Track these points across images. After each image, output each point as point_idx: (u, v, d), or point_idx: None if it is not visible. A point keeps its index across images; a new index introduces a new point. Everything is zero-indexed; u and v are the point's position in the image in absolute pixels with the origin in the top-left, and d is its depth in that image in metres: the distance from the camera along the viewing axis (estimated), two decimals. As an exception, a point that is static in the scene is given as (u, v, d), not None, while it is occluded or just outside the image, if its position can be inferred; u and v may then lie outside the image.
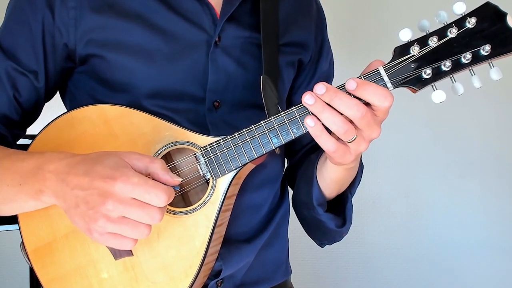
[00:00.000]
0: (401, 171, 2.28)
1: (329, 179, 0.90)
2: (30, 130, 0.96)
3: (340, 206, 0.96)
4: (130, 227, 0.70)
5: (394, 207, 2.27)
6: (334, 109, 0.73)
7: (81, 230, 0.74)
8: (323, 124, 0.74)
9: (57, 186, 0.74)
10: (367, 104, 0.74)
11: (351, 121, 0.73)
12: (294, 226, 1.04)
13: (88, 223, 0.71)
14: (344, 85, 0.74)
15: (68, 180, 0.72)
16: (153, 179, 0.73)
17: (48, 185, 0.75)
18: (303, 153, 1.05)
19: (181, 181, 0.75)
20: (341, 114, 0.73)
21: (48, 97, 0.94)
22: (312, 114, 0.74)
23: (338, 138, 0.75)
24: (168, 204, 0.80)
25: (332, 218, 0.94)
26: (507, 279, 2.24)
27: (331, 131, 0.74)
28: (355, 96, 0.73)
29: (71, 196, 0.72)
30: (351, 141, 0.75)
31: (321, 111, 0.73)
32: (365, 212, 2.25)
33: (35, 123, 0.95)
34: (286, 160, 1.08)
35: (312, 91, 0.73)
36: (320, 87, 0.73)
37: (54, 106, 1.01)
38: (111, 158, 0.72)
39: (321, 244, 1.04)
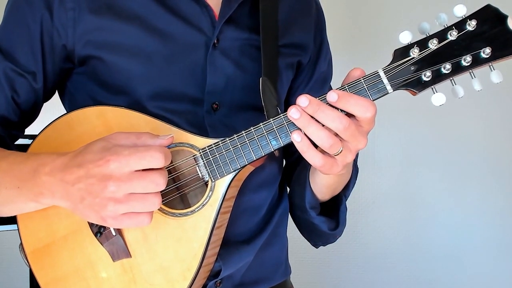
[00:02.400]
0: (401, 171, 2.27)
1: (321, 184, 0.90)
2: (29, 131, 0.96)
3: (334, 208, 0.96)
4: (140, 201, 0.70)
5: (394, 207, 2.27)
6: (320, 123, 0.72)
7: (95, 222, 0.74)
8: (309, 138, 0.73)
9: (57, 187, 0.74)
10: (351, 115, 0.73)
11: (336, 134, 0.73)
12: (294, 226, 1.04)
13: (99, 212, 0.71)
14: (325, 96, 0.73)
15: (66, 179, 0.73)
16: None
17: (48, 187, 0.75)
18: (300, 155, 1.04)
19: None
20: (326, 127, 0.72)
21: (47, 97, 0.94)
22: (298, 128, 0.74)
23: (324, 151, 0.74)
24: (167, 206, 0.81)
25: (324, 221, 0.94)
26: (507, 280, 2.24)
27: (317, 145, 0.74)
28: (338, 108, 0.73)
29: (74, 191, 0.72)
30: (337, 154, 0.74)
31: (307, 125, 0.72)
32: (365, 212, 2.25)
33: (33, 123, 0.95)
34: (284, 160, 1.08)
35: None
36: (303, 100, 0.72)
37: (54, 107, 1.00)
38: (98, 144, 0.73)
39: (315, 245, 1.04)
